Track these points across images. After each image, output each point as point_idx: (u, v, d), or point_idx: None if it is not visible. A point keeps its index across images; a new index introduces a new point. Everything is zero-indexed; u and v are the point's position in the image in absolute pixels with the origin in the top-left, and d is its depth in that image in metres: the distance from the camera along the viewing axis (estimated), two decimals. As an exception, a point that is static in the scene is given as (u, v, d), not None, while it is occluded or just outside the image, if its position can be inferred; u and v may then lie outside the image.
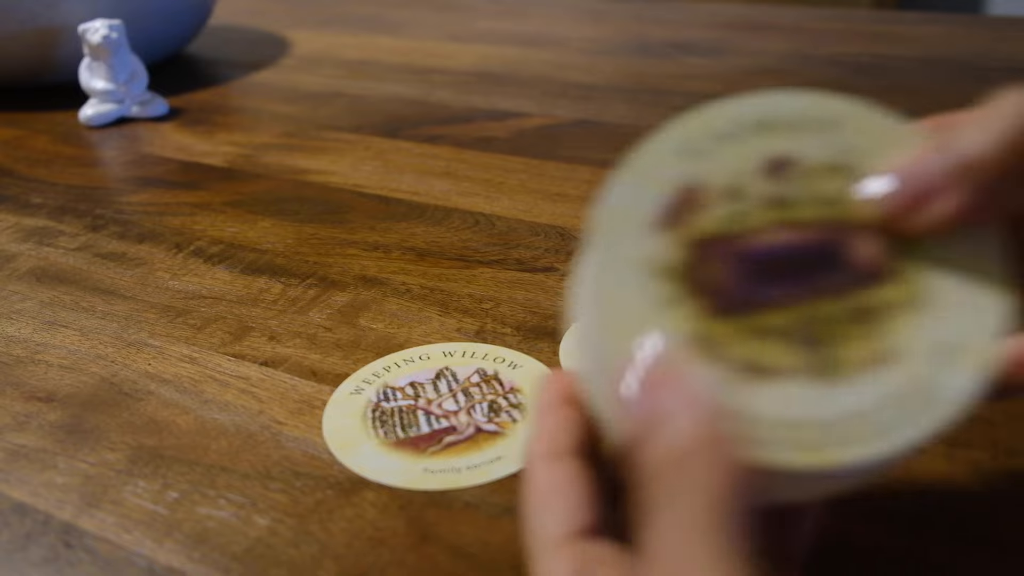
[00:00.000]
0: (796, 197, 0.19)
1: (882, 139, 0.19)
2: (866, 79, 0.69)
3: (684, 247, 0.18)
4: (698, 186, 0.19)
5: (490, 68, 0.77)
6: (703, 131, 0.20)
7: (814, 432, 0.17)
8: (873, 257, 0.18)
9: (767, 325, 0.18)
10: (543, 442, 0.20)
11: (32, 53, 0.70)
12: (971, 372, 0.17)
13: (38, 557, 0.28)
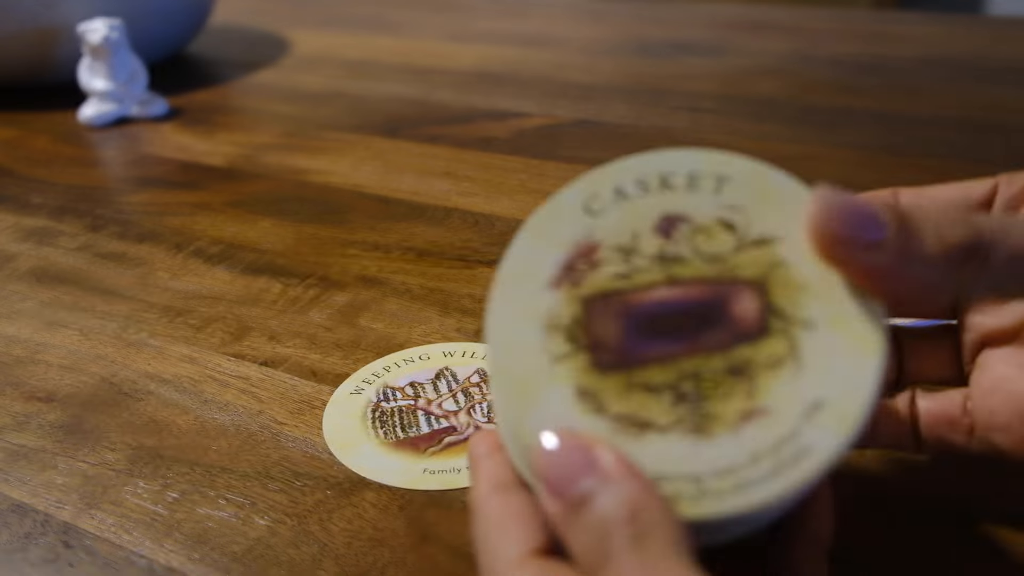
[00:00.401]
0: (684, 255, 0.20)
1: (771, 197, 0.20)
2: (866, 79, 0.69)
3: (577, 303, 0.20)
4: (594, 244, 0.20)
5: (490, 68, 0.77)
6: (604, 189, 0.21)
7: (689, 486, 0.17)
8: (753, 314, 0.19)
9: (649, 380, 0.19)
10: (488, 479, 0.20)
11: (32, 53, 0.70)
12: (838, 430, 0.17)
13: (38, 557, 0.28)
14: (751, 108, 0.64)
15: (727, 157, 0.21)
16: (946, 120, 0.60)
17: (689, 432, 0.18)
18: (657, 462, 0.18)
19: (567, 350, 0.19)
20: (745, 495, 0.17)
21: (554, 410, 0.19)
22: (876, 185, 0.48)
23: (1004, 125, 0.58)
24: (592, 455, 0.17)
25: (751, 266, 0.19)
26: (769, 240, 0.20)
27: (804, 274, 0.19)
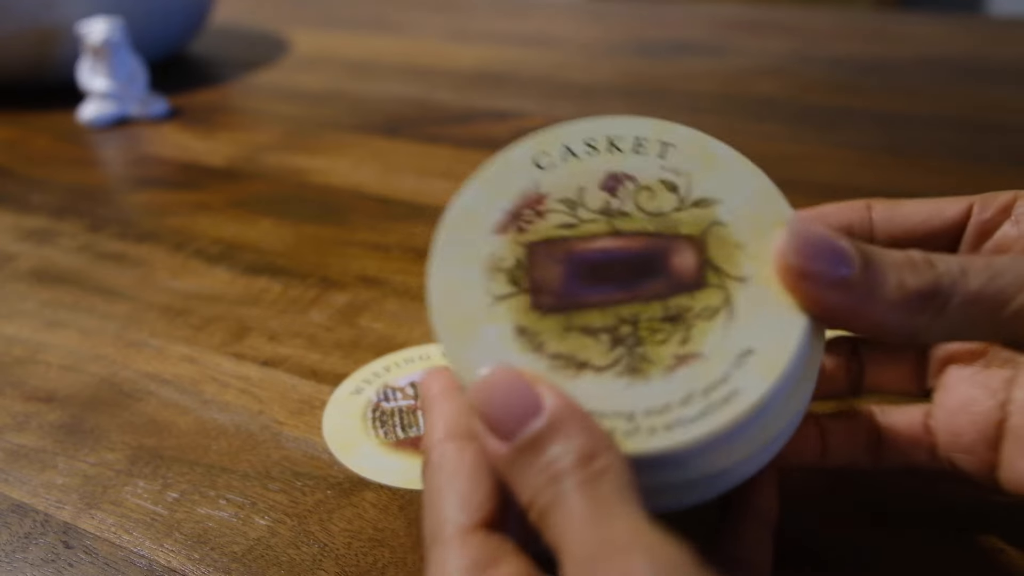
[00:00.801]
0: (628, 210, 0.21)
1: (712, 164, 0.21)
2: (866, 79, 0.69)
3: (521, 248, 0.20)
4: (541, 195, 0.21)
5: (490, 68, 0.77)
6: (554, 146, 0.22)
7: (623, 423, 0.18)
8: (691, 267, 0.20)
9: (587, 323, 0.19)
10: (445, 424, 0.20)
11: (32, 53, 0.70)
12: (765, 375, 0.18)
13: (38, 557, 0.28)
14: (751, 108, 0.64)
15: (672, 125, 0.22)
16: (946, 120, 0.60)
17: (625, 373, 0.19)
18: (592, 400, 0.18)
19: (508, 291, 0.20)
20: (676, 433, 0.18)
21: (492, 346, 0.19)
22: (876, 185, 0.48)
23: (1003, 125, 0.58)
24: (535, 394, 0.18)
25: (691, 224, 0.20)
26: (709, 201, 0.21)
27: (741, 234, 0.20)
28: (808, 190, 0.48)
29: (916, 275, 0.19)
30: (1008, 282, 0.19)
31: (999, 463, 0.24)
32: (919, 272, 0.19)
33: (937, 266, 0.19)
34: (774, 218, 0.20)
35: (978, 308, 0.19)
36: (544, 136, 0.22)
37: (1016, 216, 0.23)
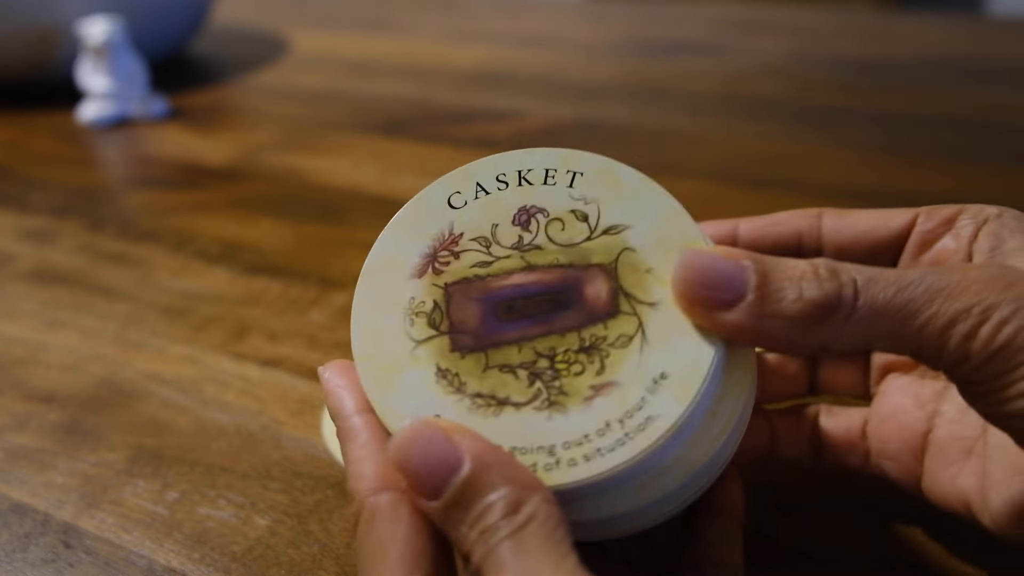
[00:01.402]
0: (541, 243, 0.21)
1: (620, 189, 0.22)
2: (866, 79, 0.69)
3: (439, 290, 0.21)
4: (457, 235, 0.22)
5: (490, 68, 0.77)
6: (467, 184, 0.22)
7: (544, 457, 0.19)
8: (604, 296, 0.20)
9: (506, 360, 0.20)
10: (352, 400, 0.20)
11: (31, 53, 0.70)
12: (680, 398, 0.19)
13: (38, 557, 0.28)
14: (751, 108, 0.64)
15: (581, 154, 0.22)
16: (945, 120, 0.60)
17: (544, 407, 0.19)
18: (514, 437, 0.19)
19: (428, 334, 0.20)
20: (594, 463, 0.18)
21: (415, 390, 0.20)
22: (875, 185, 0.48)
23: (1003, 125, 0.58)
24: (454, 447, 0.18)
25: (602, 252, 0.21)
26: (618, 227, 0.21)
27: (651, 258, 0.21)
28: (808, 190, 0.48)
29: (817, 286, 0.19)
30: (916, 295, 0.19)
31: (922, 473, 0.24)
32: (820, 283, 0.19)
33: (840, 276, 0.19)
34: (681, 239, 0.21)
35: (884, 320, 0.19)
36: (457, 175, 0.23)
37: (957, 229, 0.23)
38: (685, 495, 0.21)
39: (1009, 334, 0.18)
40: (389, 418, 0.20)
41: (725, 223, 0.25)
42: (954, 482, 0.23)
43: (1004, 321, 0.18)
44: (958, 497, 0.23)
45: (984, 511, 0.22)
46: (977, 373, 0.19)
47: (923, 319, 0.18)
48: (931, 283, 0.19)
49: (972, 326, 0.18)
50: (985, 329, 0.18)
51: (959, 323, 0.18)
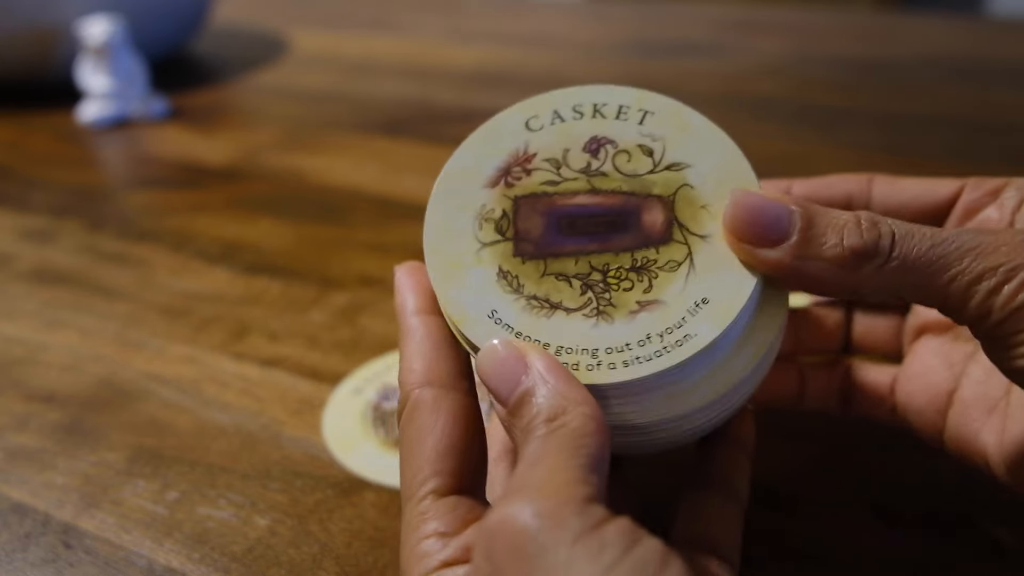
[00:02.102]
0: (607, 171, 0.23)
1: (687, 131, 0.23)
2: (866, 79, 0.69)
3: (509, 201, 0.23)
4: (530, 154, 0.23)
5: (490, 68, 0.77)
6: (545, 110, 0.24)
7: (587, 358, 0.20)
8: (659, 224, 0.22)
9: (562, 270, 0.22)
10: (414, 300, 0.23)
11: (31, 53, 0.70)
12: (717, 322, 0.21)
13: (38, 557, 0.28)
14: (751, 108, 0.64)
15: (654, 95, 0.24)
16: (946, 120, 0.60)
17: (593, 315, 0.21)
18: (562, 337, 0.21)
19: (495, 238, 0.22)
20: (634, 368, 0.20)
21: (478, 286, 0.22)
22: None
23: (1003, 125, 0.58)
24: (524, 363, 0.20)
25: (663, 185, 0.22)
26: (680, 165, 0.23)
27: (707, 196, 0.22)
28: (808, 190, 0.48)
29: (857, 234, 0.20)
30: (948, 251, 0.20)
31: (945, 428, 0.26)
32: (861, 232, 0.20)
33: (880, 227, 0.20)
34: (738, 182, 0.22)
35: (916, 272, 0.20)
36: (536, 101, 0.24)
37: (1001, 200, 0.24)
38: (706, 417, 0.22)
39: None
40: (451, 307, 0.22)
41: (778, 183, 0.27)
42: (976, 437, 0.24)
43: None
44: (978, 451, 0.24)
45: (1001, 465, 0.24)
46: (998, 329, 0.20)
47: (952, 274, 0.20)
48: (964, 241, 0.20)
49: (997, 283, 0.19)
50: (1009, 287, 0.19)
51: (984, 280, 0.19)
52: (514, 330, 0.21)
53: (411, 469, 0.21)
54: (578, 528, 0.17)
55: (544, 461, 0.18)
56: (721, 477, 0.24)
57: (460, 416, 0.21)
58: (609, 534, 0.17)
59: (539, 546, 0.16)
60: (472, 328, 0.21)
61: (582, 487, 0.17)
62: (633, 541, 0.17)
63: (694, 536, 0.22)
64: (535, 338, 0.21)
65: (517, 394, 0.20)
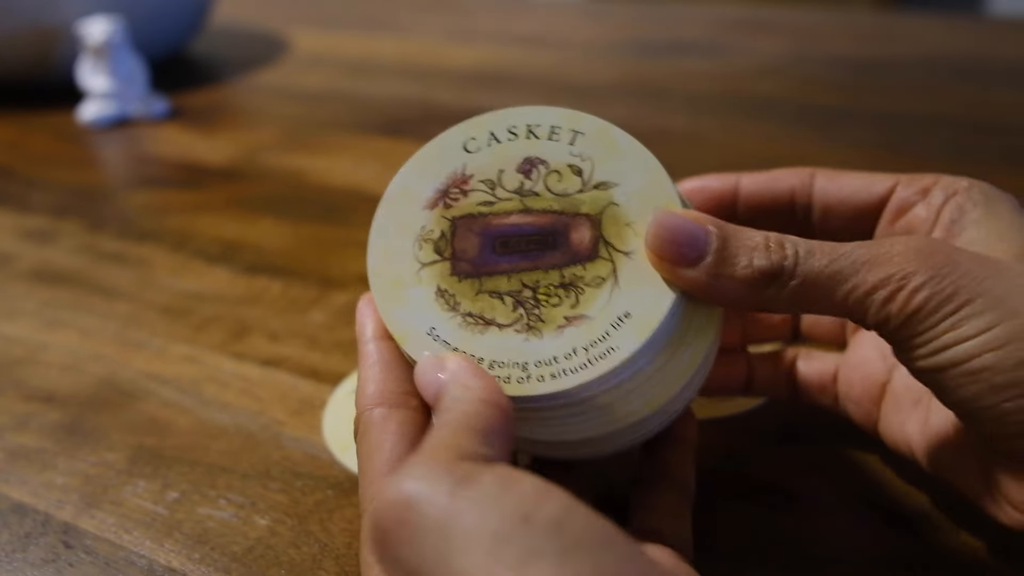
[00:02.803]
0: (539, 191, 0.24)
1: (615, 151, 0.24)
2: (866, 79, 0.69)
3: (447, 222, 0.24)
4: (467, 176, 0.24)
5: (490, 68, 0.77)
6: (482, 132, 0.25)
7: (517, 371, 0.22)
8: (586, 242, 0.23)
9: (495, 287, 0.23)
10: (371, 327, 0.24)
11: (31, 53, 0.70)
12: (638, 335, 0.22)
13: (38, 557, 0.28)
14: (751, 108, 0.64)
15: (584, 116, 0.25)
16: (946, 120, 0.60)
17: (523, 330, 0.22)
18: (494, 351, 0.22)
19: (433, 259, 0.24)
20: (560, 380, 0.21)
21: (418, 305, 0.23)
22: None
23: (1003, 125, 0.58)
24: (444, 364, 0.21)
25: (591, 204, 0.23)
26: (608, 184, 0.24)
27: (632, 214, 0.23)
28: (808, 190, 0.48)
29: (765, 256, 0.21)
30: (844, 266, 0.21)
31: (879, 418, 0.27)
32: (768, 253, 0.21)
33: (785, 248, 0.22)
34: (660, 200, 0.23)
35: (817, 288, 0.21)
36: (474, 123, 0.25)
37: (929, 199, 0.25)
38: (648, 427, 0.24)
39: (922, 299, 0.20)
40: (393, 327, 0.23)
41: (728, 176, 0.28)
42: (902, 428, 0.26)
43: (918, 288, 0.20)
44: (904, 441, 0.26)
45: (924, 456, 0.25)
46: (897, 333, 0.21)
47: (848, 287, 0.21)
48: (858, 256, 0.21)
49: (890, 292, 0.21)
50: (901, 295, 0.21)
51: (879, 290, 0.21)
52: (451, 346, 0.22)
53: (364, 485, 0.21)
54: (451, 482, 0.17)
55: (427, 440, 0.19)
56: (670, 474, 0.25)
57: (408, 431, 0.22)
58: (485, 482, 0.17)
59: (418, 512, 0.17)
60: (412, 345, 0.23)
61: (458, 450, 0.18)
62: (511, 481, 0.17)
63: (648, 529, 0.23)
64: (470, 352, 0.22)
65: (434, 395, 0.21)
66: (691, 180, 0.28)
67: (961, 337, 0.20)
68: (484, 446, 0.19)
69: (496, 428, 0.20)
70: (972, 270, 0.21)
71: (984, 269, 0.21)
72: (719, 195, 0.28)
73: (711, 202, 0.28)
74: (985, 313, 0.20)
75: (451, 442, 0.19)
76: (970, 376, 0.20)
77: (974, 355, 0.20)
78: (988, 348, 0.20)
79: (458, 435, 0.19)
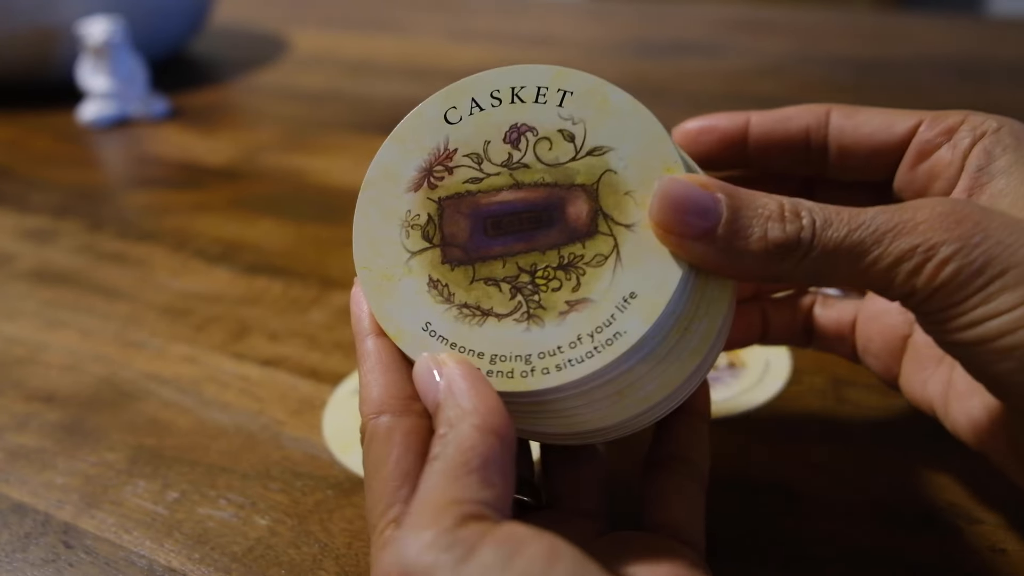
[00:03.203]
0: (528, 162, 0.22)
1: (608, 110, 0.22)
2: (866, 79, 0.69)
3: (433, 204, 0.22)
4: (451, 151, 0.23)
5: (490, 68, 0.77)
6: (463, 100, 0.23)
7: (521, 364, 0.21)
8: (584, 216, 0.21)
9: (491, 274, 0.21)
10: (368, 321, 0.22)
11: (31, 53, 0.70)
12: (646, 317, 0.20)
13: (38, 557, 0.28)
14: (751, 108, 0.64)
15: (572, 73, 0.23)
16: (946, 120, 0.60)
17: (523, 319, 0.21)
18: (495, 345, 0.21)
19: (422, 246, 0.22)
20: (567, 372, 0.20)
21: (409, 298, 0.22)
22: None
23: (1004, 125, 0.58)
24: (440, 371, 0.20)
25: (585, 173, 0.22)
26: (603, 149, 0.22)
27: (631, 181, 0.21)
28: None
29: (780, 227, 0.20)
30: (866, 236, 0.20)
31: (900, 373, 0.26)
32: (784, 224, 0.20)
33: (802, 218, 0.20)
34: (661, 163, 0.21)
35: (836, 259, 0.20)
36: (453, 90, 0.23)
37: (955, 141, 0.23)
38: (663, 408, 0.22)
39: (951, 272, 0.19)
40: (386, 323, 0.22)
41: (738, 115, 0.26)
42: (924, 387, 0.25)
43: (946, 260, 0.19)
44: (926, 401, 0.25)
45: (946, 418, 0.24)
46: (923, 306, 0.20)
47: (871, 259, 0.20)
48: (880, 223, 0.20)
49: (916, 264, 0.19)
50: (928, 268, 0.19)
51: (904, 262, 0.19)
52: (448, 341, 0.21)
53: (372, 500, 0.21)
54: (456, 556, 0.17)
55: (427, 489, 0.18)
56: (682, 456, 0.24)
57: (413, 441, 0.21)
58: (490, 551, 0.17)
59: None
60: (408, 343, 0.21)
61: (463, 507, 0.18)
62: (517, 546, 0.17)
63: (660, 522, 0.22)
64: (469, 348, 0.21)
65: (433, 405, 0.20)
66: (696, 120, 0.26)
67: (993, 312, 0.19)
68: (484, 488, 0.18)
69: (495, 459, 0.19)
70: (1004, 239, 0.19)
71: (1017, 236, 0.19)
72: (728, 136, 0.26)
73: (719, 143, 0.26)
74: (1019, 286, 0.19)
75: (451, 494, 0.18)
76: (1002, 353, 0.19)
77: (1007, 331, 0.19)
78: (1022, 324, 0.19)
79: (458, 482, 0.18)
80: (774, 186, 0.27)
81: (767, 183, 0.27)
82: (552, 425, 0.22)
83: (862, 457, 0.30)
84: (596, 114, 0.22)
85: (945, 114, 0.23)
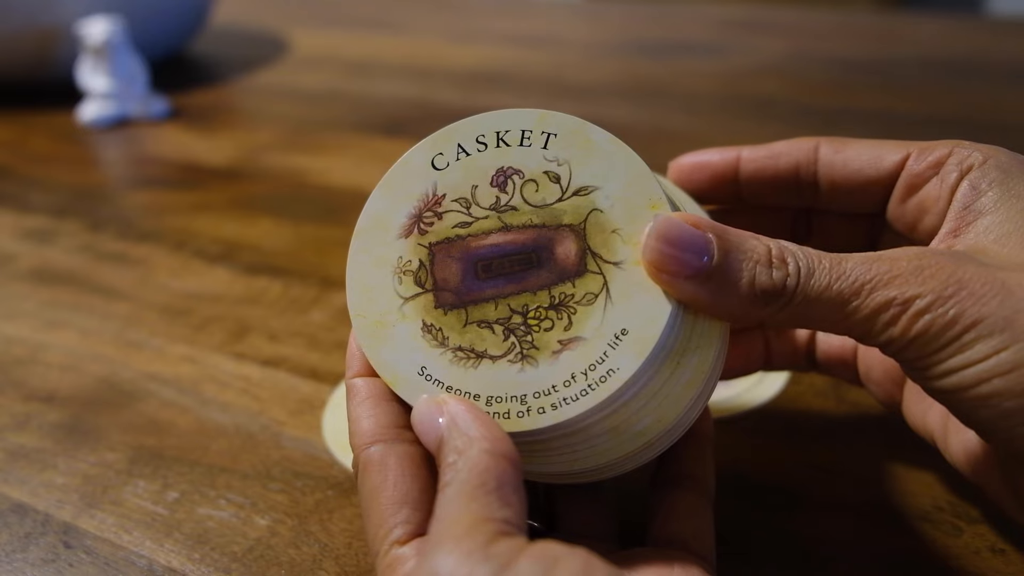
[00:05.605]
0: (516, 204, 0.23)
1: (591, 150, 0.23)
2: (866, 79, 0.69)
3: (424, 250, 0.23)
4: (440, 196, 0.23)
5: (490, 68, 0.77)
6: (449, 146, 0.23)
7: (516, 405, 0.21)
8: (573, 256, 0.22)
9: (483, 317, 0.22)
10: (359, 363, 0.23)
11: (31, 53, 0.70)
12: (638, 353, 0.21)
13: (38, 557, 0.28)
14: (751, 108, 0.64)
15: (554, 115, 0.23)
16: (946, 120, 0.60)
17: (517, 360, 0.21)
18: (490, 387, 0.21)
19: (415, 292, 0.22)
20: (562, 410, 0.21)
21: (404, 343, 0.22)
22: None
23: (1003, 125, 0.58)
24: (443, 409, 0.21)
25: (572, 213, 0.22)
26: (588, 188, 0.22)
27: (617, 219, 0.22)
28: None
29: (767, 272, 0.21)
30: (844, 287, 0.20)
31: (902, 401, 0.27)
32: (771, 271, 0.21)
33: (788, 265, 0.21)
34: (647, 200, 0.22)
35: (817, 308, 0.20)
36: (440, 136, 0.24)
37: (942, 175, 0.23)
38: (664, 443, 0.22)
39: (924, 324, 0.20)
40: (382, 369, 0.22)
41: (728, 151, 0.26)
42: (924, 417, 0.26)
43: (921, 312, 0.20)
44: (927, 431, 0.26)
45: (945, 450, 0.25)
46: (902, 355, 0.20)
47: (850, 309, 0.20)
48: (859, 275, 0.20)
49: (893, 316, 0.20)
50: (903, 319, 0.20)
51: (881, 313, 0.20)
52: (444, 384, 0.21)
53: (372, 527, 0.21)
54: (492, 569, 0.17)
55: (448, 512, 0.18)
56: (688, 473, 0.24)
57: (408, 465, 0.21)
58: (524, 567, 0.17)
59: None
60: (404, 388, 0.22)
61: (489, 525, 0.18)
62: (550, 566, 0.17)
63: (669, 535, 0.23)
64: (464, 391, 0.21)
65: (435, 443, 0.20)
66: (690, 155, 0.27)
67: (968, 361, 0.19)
68: (503, 507, 0.18)
69: (508, 481, 0.19)
70: (977, 290, 0.20)
71: (991, 286, 0.20)
72: (719, 174, 0.26)
73: (711, 181, 0.26)
74: (992, 336, 0.19)
75: (473, 515, 0.18)
76: (980, 401, 0.19)
77: (983, 380, 0.19)
78: (996, 373, 0.19)
79: (477, 502, 0.18)
80: (771, 216, 0.28)
81: (763, 213, 0.27)
82: (551, 464, 0.22)
83: (862, 457, 0.30)
84: (580, 154, 0.23)
85: (932, 146, 0.24)
